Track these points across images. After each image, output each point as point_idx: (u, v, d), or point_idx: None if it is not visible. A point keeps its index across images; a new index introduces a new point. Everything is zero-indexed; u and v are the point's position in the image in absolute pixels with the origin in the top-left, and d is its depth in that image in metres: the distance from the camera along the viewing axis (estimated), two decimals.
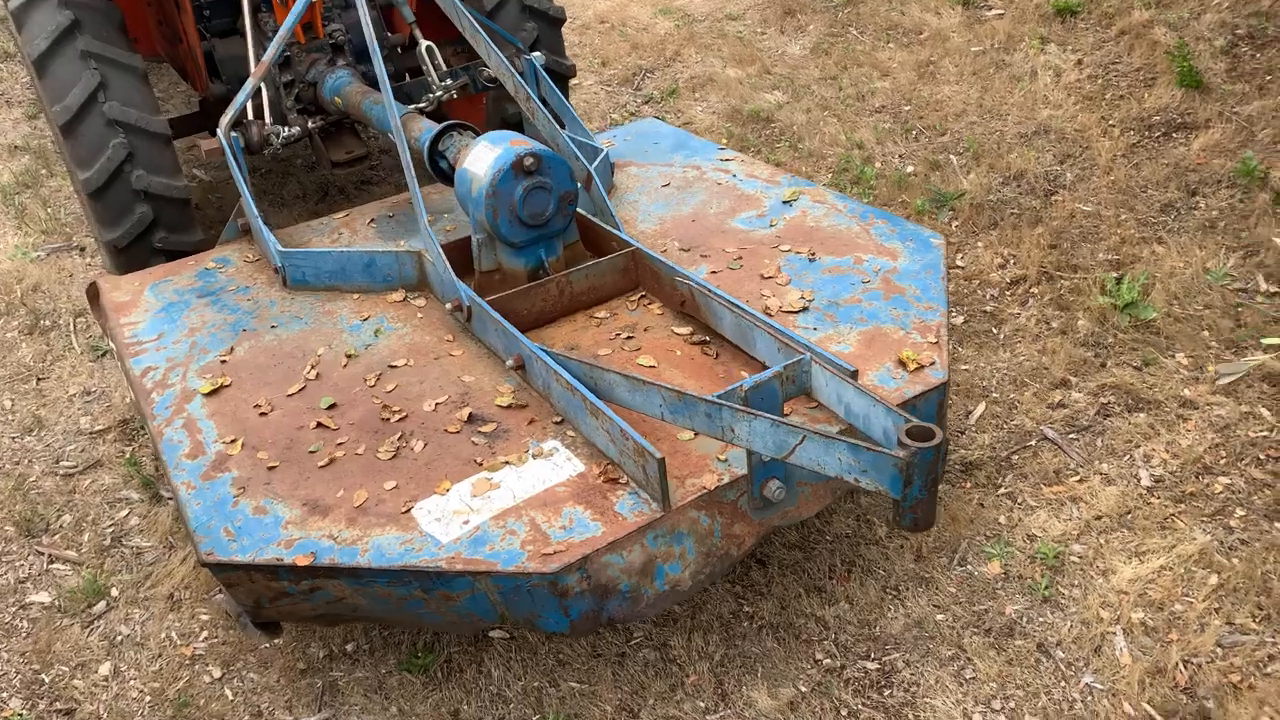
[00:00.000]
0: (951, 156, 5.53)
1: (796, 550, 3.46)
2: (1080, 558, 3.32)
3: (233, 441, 2.85)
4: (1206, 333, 4.12)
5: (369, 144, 5.17)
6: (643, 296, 3.25)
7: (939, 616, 3.17)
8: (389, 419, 2.85)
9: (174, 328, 3.45)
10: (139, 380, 3.18)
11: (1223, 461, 3.59)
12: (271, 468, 2.74)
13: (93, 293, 3.81)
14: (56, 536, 3.78)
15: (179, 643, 3.30)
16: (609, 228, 3.38)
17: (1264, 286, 4.27)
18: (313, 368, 3.13)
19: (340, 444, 2.78)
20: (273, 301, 3.55)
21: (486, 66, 4.48)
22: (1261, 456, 3.59)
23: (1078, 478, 3.63)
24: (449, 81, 4.44)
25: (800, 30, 7.52)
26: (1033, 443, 3.80)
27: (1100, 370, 4.05)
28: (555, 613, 2.30)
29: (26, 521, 3.81)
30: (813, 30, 7.45)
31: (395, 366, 3.08)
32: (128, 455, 4.11)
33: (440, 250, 3.15)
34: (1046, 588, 3.22)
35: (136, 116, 4.21)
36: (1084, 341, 4.18)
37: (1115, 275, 4.41)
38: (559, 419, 2.73)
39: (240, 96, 3.94)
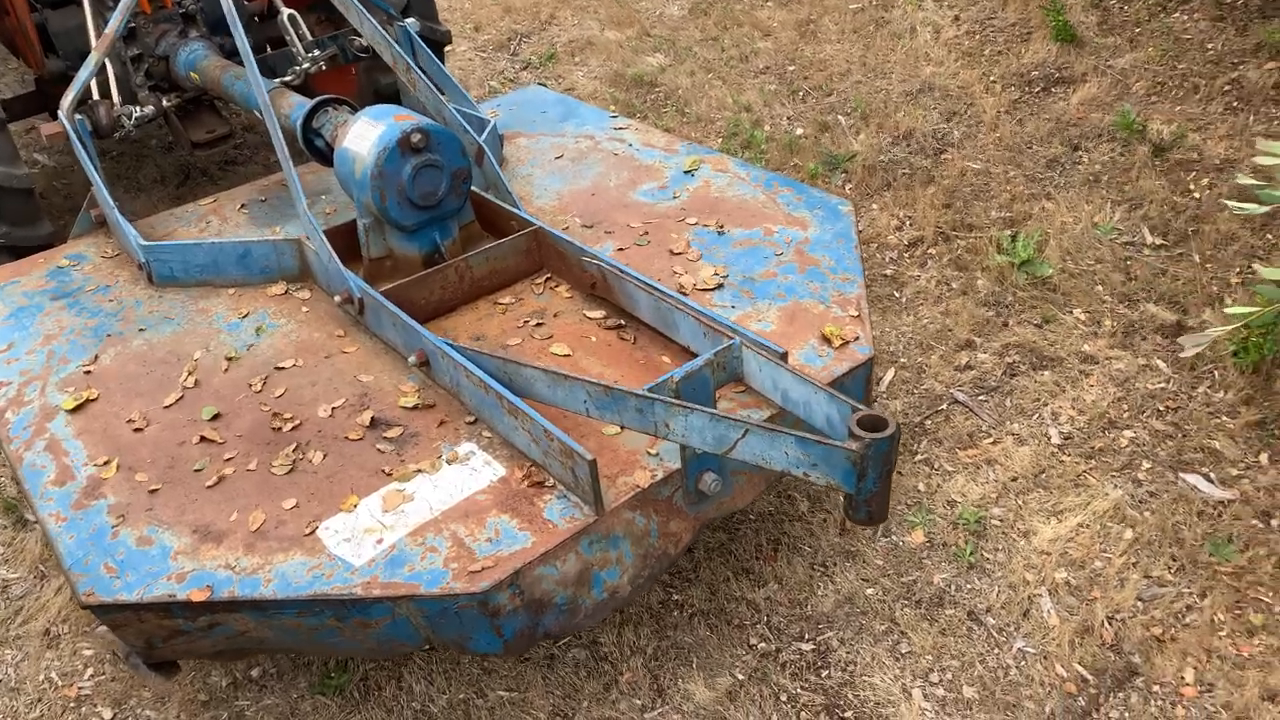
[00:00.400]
0: (840, 117, 5.49)
1: (720, 532, 3.38)
2: (1001, 521, 3.34)
3: (106, 463, 2.56)
4: (1100, 287, 4.20)
5: (231, 121, 4.79)
6: (549, 279, 3.07)
7: (869, 591, 3.14)
8: (281, 428, 2.61)
9: (26, 336, 3.09)
10: None
11: (1126, 415, 3.66)
12: (153, 491, 2.47)
13: None
14: None
15: (60, 683, 2.99)
16: (507, 206, 3.18)
17: (1150, 239, 4.38)
18: (190, 374, 2.85)
19: (228, 459, 2.53)
20: (138, 301, 3.22)
21: (357, 35, 4.18)
22: (1161, 408, 3.68)
23: (991, 439, 3.65)
24: (317, 52, 4.12)
25: None
26: (944, 406, 3.80)
27: (1003, 330, 4.08)
28: (487, 634, 2.14)
29: None
30: None
31: (283, 368, 2.83)
32: None
33: (324, 238, 2.90)
34: (971, 554, 3.22)
35: None
36: (985, 301, 4.21)
37: (1010, 233, 4.46)
38: (472, 418, 2.54)
39: (82, 74, 3.55)
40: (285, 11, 4.24)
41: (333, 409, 2.65)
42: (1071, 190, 4.69)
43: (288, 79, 4.05)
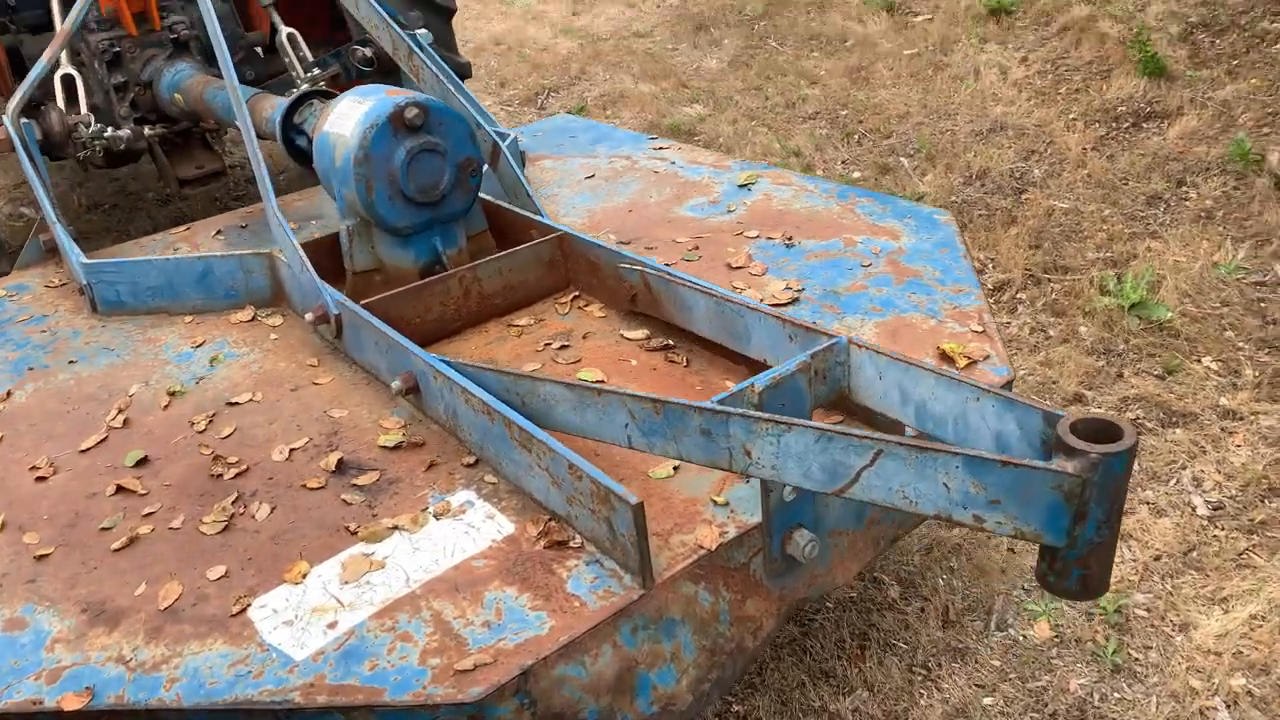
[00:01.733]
0: (902, 159, 4.93)
1: (792, 625, 2.67)
2: (1149, 611, 2.61)
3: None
4: (1230, 332, 3.52)
5: (224, 158, 4.29)
6: (576, 297, 2.45)
7: (986, 701, 2.41)
8: (221, 475, 1.97)
9: None
10: None
11: None
12: (41, 556, 1.82)
13: None
14: None
15: None
16: (528, 214, 2.58)
17: None
18: (119, 412, 2.23)
19: (148, 515, 1.89)
20: (76, 332, 2.63)
21: (362, 46, 3.68)
22: None
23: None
24: (317, 71, 3.61)
25: (714, 44, 6.93)
26: None
27: (1118, 380, 3.40)
28: None
29: None
30: (728, 44, 6.87)
31: (236, 404, 2.20)
32: None
33: (294, 241, 2.30)
34: (1114, 653, 2.49)
35: None
36: (1092, 349, 3.54)
37: (1114, 273, 3.81)
38: (471, 459, 1.89)
39: (32, 74, 3.04)
40: (284, 30, 3.77)
41: (290, 451, 2.01)
42: (1181, 227, 4.05)
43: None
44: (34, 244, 3.11)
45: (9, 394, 2.37)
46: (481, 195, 2.57)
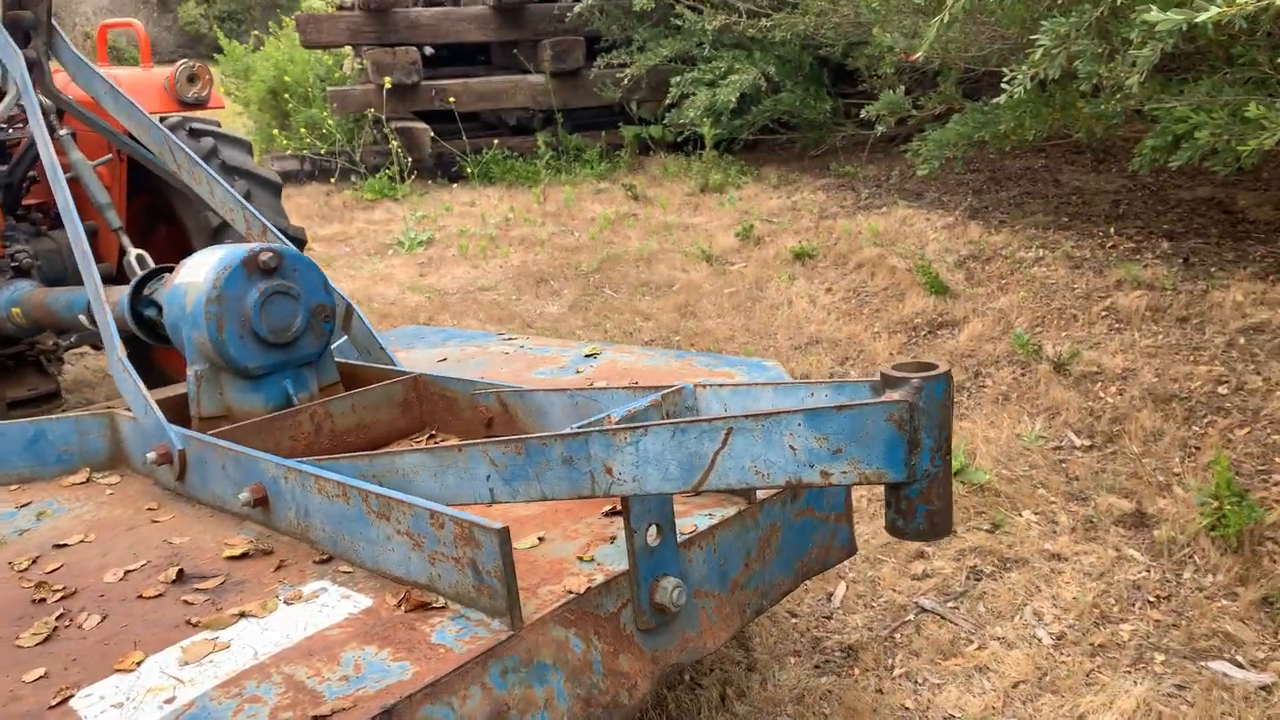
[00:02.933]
0: None
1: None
2: None
3: None
4: (1042, 489, 3.83)
5: (57, 379, 4.18)
6: (431, 436, 2.47)
7: None
8: (44, 599, 1.82)
9: None
10: None
11: (1116, 609, 3.14)
12: None
13: None
14: None
15: None
16: (382, 365, 2.64)
17: (1077, 441, 4.11)
18: None
19: None
20: None
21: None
22: (1151, 598, 3.19)
23: (975, 645, 3.03)
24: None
25: (555, 294, 7.38)
26: (910, 616, 3.20)
27: (953, 537, 3.59)
28: None
29: None
30: (567, 294, 7.34)
31: (65, 545, 2.06)
32: None
33: (139, 383, 2.27)
34: None
35: None
36: None
37: None
38: (323, 557, 1.83)
39: None
40: (133, 252, 3.86)
41: (125, 572, 1.89)
42: (985, 408, 4.46)
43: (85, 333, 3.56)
44: None
45: None
46: (337, 359, 2.63)
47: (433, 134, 10.30)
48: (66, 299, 3.22)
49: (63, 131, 3.75)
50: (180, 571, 1.83)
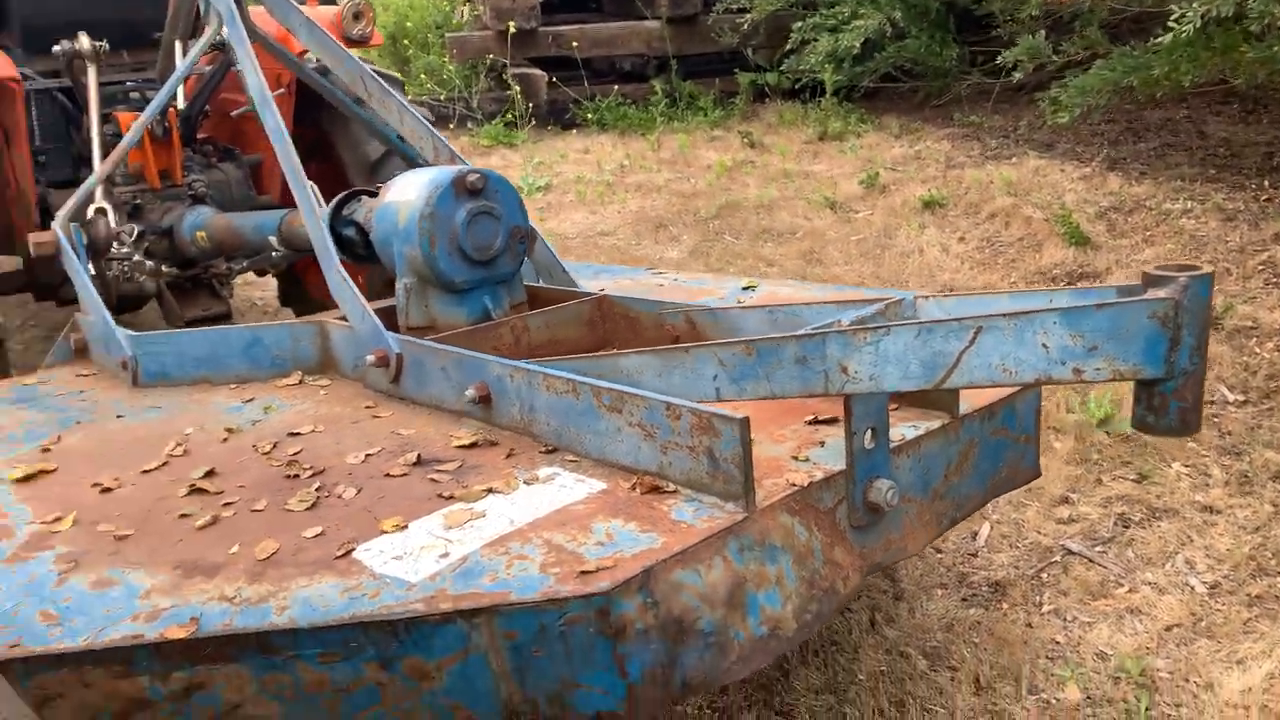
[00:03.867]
0: None
1: (827, 694, 2.69)
2: (1170, 673, 2.70)
3: (57, 519, 1.93)
4: (1193, 443, 3.80)
5: (228, 301, 4.46)
6: None
7: None
8: (297, 475, 2.02)
9: None
10: None
11: (1274, 562, 3.13)
12: (121, 537, 1.83)
13: None
14: None
15: None
16: (563, 287, 2.79)
17: (1230, 397, 4.06)
18: (177, 444, 2.27)
19: (229, 504, 1.91)
20: (117, 400, 2.68)
21: (370, 192, 3.99)
22: None
23: (1125, 588, 3.07)
24: None
25: (674, 240, 7.48)
26: (1057, 558, 3.25)
27: (1099, 485, 3.62)
28: (605, 671, 1.46)
29: None
30: (686, 240, 7.43)
31: (299, 434, 2.27)
32: None
33: (355, 292, 2.45)
34: (1148, 710, 2.55)
35: None
36: (1069, 460, 3.77)
37: (1078, 397, 4.11)
38: (548, 448, 1.98)
39: (87, 183, 3.24)
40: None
41: (365, 456, 2.07)
42: None
43: (273, 254, 3.77)
44: (63, 344, 3.18)
45: (59, 438, 2.39)
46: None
47: (551, 79, 10.43)
48: (255, 222, 3.45)
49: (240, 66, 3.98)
50: (419, 456, 2.01)
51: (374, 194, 3.03)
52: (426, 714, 1.55)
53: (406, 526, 1.71)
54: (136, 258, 3.67)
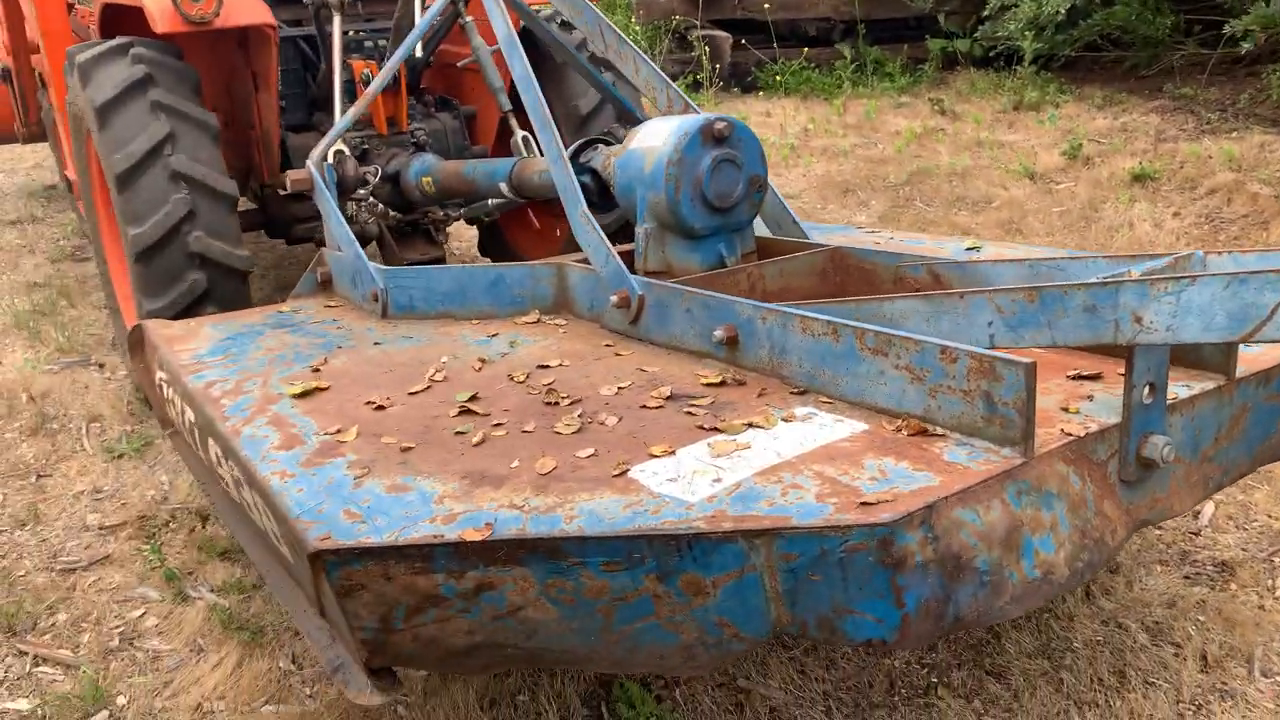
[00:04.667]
0: None
1: (1041, 659, 2.64)
2: None
3: (340, 431, 2.10)
4: None
5: (443, 247, 4.68)
6: None
7: None
8: (556, 403, 2.13)
9: (245, 349, 2.76)
10: (201, 391, 2.45)
11: None
12: (406, 449, 1.98)
13: (135, 337, 3.12)
14: (46, 636, 2.86)
15: None
16: (794, 238, 2.81)
17: None
18: (437, 371, 2.43)
19: (498, 425, 2.04)
20: (370, 329, 2.88)
21: (605, 141, 4.10)
22: None
23: None
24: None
25: (862, 205, 7.36)
26: None
27: None
28: (881, 600, 1.49)
29: (8, 618, 2.89)
30: (875, 205, 7.29)
31: (547, 366, 2.39)
32: (146, 550, 3.25)
33: (601, 236, 2.55)
34: None
35: (204, 173, 3.72)
36: None
37: None
38: (799, 390, 2.02)
39: (341, 124, 3.47)
40: (519, 133, 4.22)
41: (618, 389, 2.17)
42: None
43: (502, 200, 3.92)
44: (310, 276, 3.43)
45: (325, 360, 2.59)
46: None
47: (738, 40, 10.39)
48: (487, 168, 3.60)
49: (467, 19, 4.15)
50: (670, 392, 2.08)
51: (609, 143, 3.12)
52: (695, 629, 1.63)
53: (674, 453, 1.79)
54: (370, 199, 3.91)
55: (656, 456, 1.79)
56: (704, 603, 1.59)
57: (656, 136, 2.57)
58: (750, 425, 1.86)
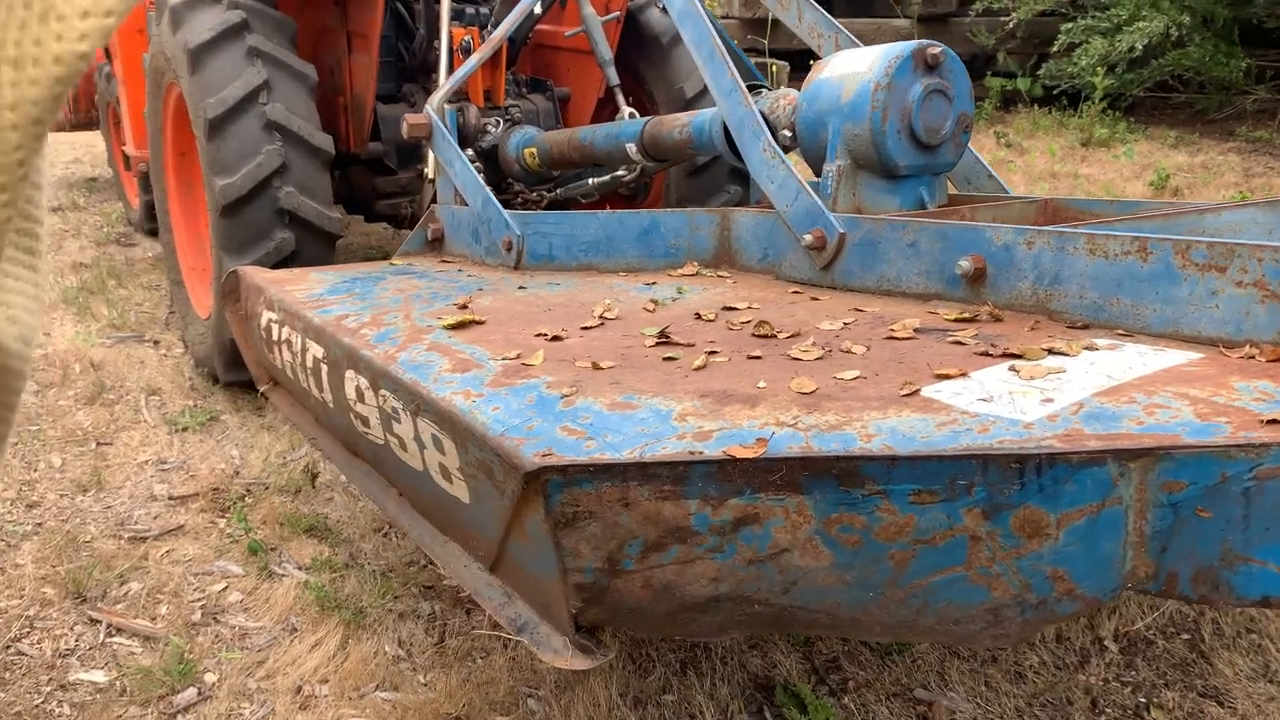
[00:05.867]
0: None
1: (1264, 682, 2.29)
2: None
3: (519, 356, 1.78)
4: None
5: None
6: None
7: None
8: (772, 335, 1.81)
9: (370, 290, 2.45)
10: (334, 323, 2.13)
11: None
12: (612, 367, 1.66)
13: (230, 284, 2.82)
14: (119, 605, 2.51)
15: None
16: (991, 192, 2.51)
17: None
18: (606, 310, 2.11)
19: (713, 353, 1.72)
20: (506, 278, 2.57)
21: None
22: None
23: None
24: None
25: None
26: None
27: None
28: None
29: (75, 584, 2.55)
30: None
31: (735, 309, 2.07)
32: (222, 524, 2.91)
33: (792, 169, 2.25)
34: None
35: (300, 125, 3.45)
36: None
37: None
38: (1078, 324, 1.70)
39: (466, 67, 3.20)
40: (626, 109, 3.98)
41: (842, 324, 1.85)
42: None
43: (620, 173, 3.65)
44: (419, 233, 3.14)
45: (470, 299, 2.28)
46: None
47: (794, 68, 10.21)
48: (610, 130, 3.32)
49: None
50: (917, 327, 1.76)
51: (769, 89, 2.84)
52: (1015, 583, 1.29)
53: (968, 374, 1.46)
54: (477, 163, 3.63)
55: (949, 378, 1.46)
56: (1038, 548, 1.26)
57: (859, 62, 2.28)
58: (1052, 351, 1.53)
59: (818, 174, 2.40)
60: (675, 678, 2.31)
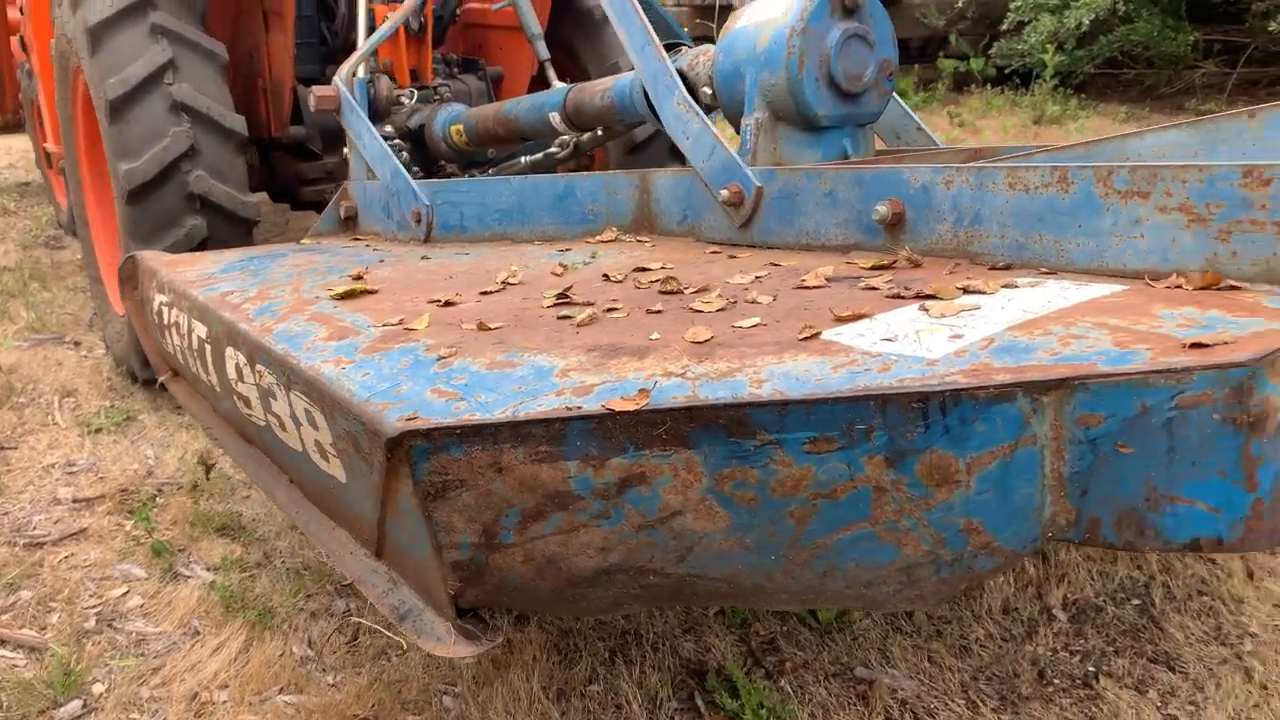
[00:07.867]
0: None
1: (1217, 645, 2.20)
2: None
3: (401, 322, 1.64)
4: None
5: None
6: None
7: None
8: (679, 291, 1.68)
9: (266, 266, 2.30)
10: (217, 300, 1.98)
11: None
12: (498, 328, 1.52)
13: (127, 270, 2.65)
14: (6, 615, 2.34)
15: None
16: (921, 146, 2.40)
17: None
18: (510, 276, 1.97)
19: (611, 310, 1.58)
20: (414, 251, 2.43)
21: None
22: None
23: None
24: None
25: None
26: None
27: None
28: (1222, 480, 1.05)
29: None
30: None
31: (647, 269, 1.94)
32: (128, 525, 2.74)
33: (706, 122, 2.12)
34: None
35: (210, 106, 3.27)
36: None
37: None
38: (999, 265, 1.58)
39: (374, 38, 3.04)
40: (557, 85, 3.85)
41: (755, 276, 1.72)
42: None
43: (553, 150, 3.50)
44: (332, 211, 2.98)
45: (367, 270, 2.14)
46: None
47: None
48: (533, 102, 3.17)
49: None
50: (829, 276, 1.64)
51: (690, 46, 2.71)
52: (927, 537, 1.17)
53: (873, 316, 1.34)
54: (398, 141, 3.47)
55: (850, 320, 1.34)
56: (948, 497, 1.14)
57: (775, 6, 2.15)
58: (967, 290, 1.41)
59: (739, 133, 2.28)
60: (603, 667, 2.17)
